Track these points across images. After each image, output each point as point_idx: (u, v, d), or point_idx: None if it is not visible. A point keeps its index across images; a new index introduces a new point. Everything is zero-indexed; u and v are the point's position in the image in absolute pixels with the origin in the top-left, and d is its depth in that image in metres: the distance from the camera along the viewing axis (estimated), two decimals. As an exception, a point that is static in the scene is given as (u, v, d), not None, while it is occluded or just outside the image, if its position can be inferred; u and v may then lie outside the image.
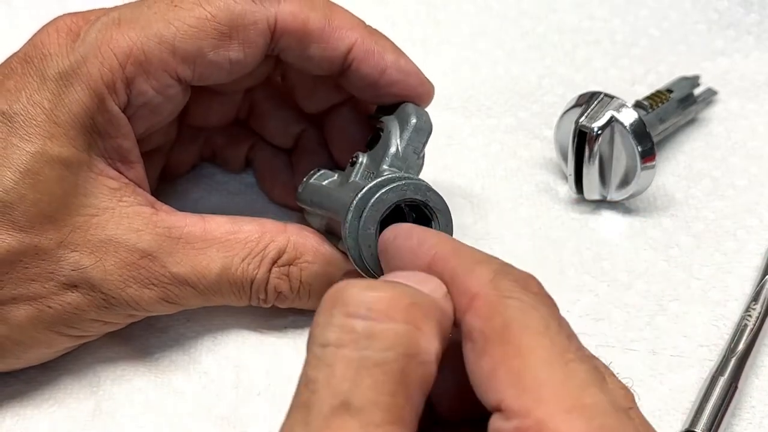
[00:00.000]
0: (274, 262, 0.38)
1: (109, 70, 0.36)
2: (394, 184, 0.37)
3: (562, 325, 0.27)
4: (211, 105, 0.44)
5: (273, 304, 0.40)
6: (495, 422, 0.26)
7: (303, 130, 0.46)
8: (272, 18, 0.38)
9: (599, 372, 0.27)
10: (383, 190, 0.37)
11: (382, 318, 0.26)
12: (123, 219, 0.37)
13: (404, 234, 0.31)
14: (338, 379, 0.25)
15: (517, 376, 0.26)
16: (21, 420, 0.38)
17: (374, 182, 0.37)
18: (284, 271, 0.39)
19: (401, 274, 0.29)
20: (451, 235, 0.38)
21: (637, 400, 0.29)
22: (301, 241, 0.39)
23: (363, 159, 0.40)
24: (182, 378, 0.39)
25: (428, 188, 0.38)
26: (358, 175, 0.39)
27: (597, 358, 0.29)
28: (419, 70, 0.41)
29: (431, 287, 0.28)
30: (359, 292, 0.26)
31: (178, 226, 0.37)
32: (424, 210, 0.38)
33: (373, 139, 0.41)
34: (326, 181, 0.41)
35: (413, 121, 0.39)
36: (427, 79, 0.41)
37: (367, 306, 0.26)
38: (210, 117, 0.45)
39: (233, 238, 0.38)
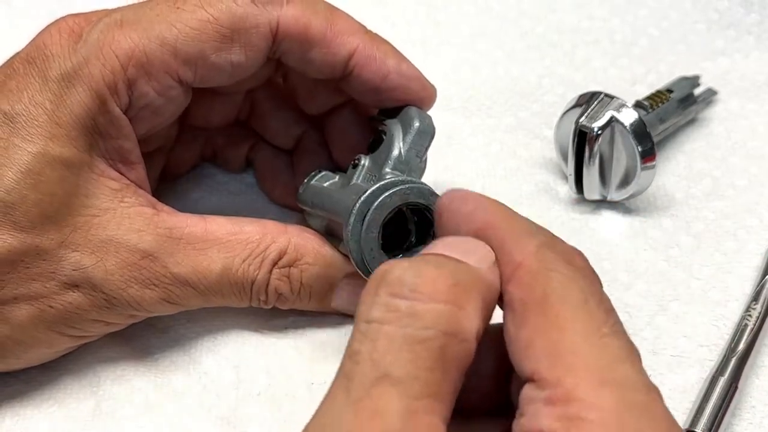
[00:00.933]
0: (274, 264, 0.38)
1: (111, 72, 0.36)
2: (398, 188, 0.37)
3: (603, 300, 0.28)
4: (212, 105, 0.44)
5: (273, 305, 0.40)
6: (527, 392, 0.26)
7: (304, 131, 0.46)
8: (274, 21, 0.38)
9: (634, 349, 0.27)
10: (386, 194, 0.37)
11: (424, 298, 0.27)
12: (124, 219, 0.37)
13: (460, 198, 0.31)
14: (380, 353, 0.26)
15: (552, 347, 0.26)
16: (21, 420, 0.38)
17: (377, 185, 0.37)
18: (285, 273, 0.39)
19: (450, 240, 0.30)
20: None
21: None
22: (302, 243, 0.39)
23: (365, 161, 0.40)
24: (182, 378, 0.39)
25: (431, 192, 0.38)
26: (360, 178, 0.39)
27: None
28: (421, 74, 0.41)
29: (478, 257, 0.29)
30: (404, 272, 0.27)
31: (179, 227, 0.37)
32: (426, 214, 0.38)
33: (374, 141, 0.41)
34: (327, 183, 0.41)
35: (416, 124, 0.39)
36: (429, 83, 0.41)
37: (410, 287, 0.27)
38: (211, 117, 0.45)
39: (234, 239, 0.38)
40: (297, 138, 0.46)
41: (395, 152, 0.39)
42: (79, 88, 0.36)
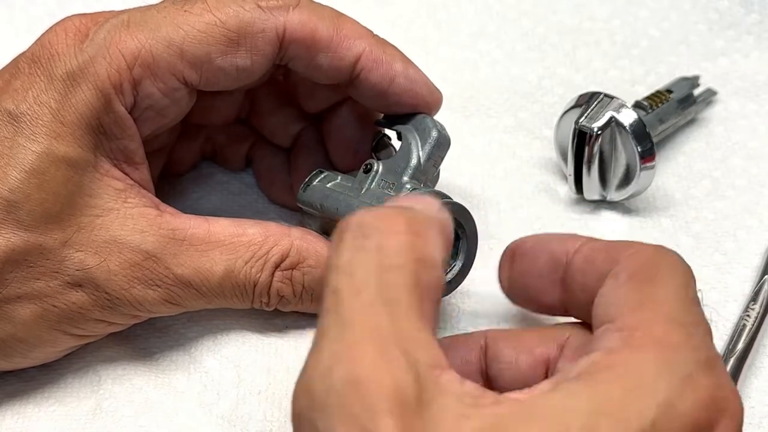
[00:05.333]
0: (277, 266, 0.39)
1: (117, 71, 0.36)
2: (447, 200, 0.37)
3: (696, 293, 0.31)
4: (213, 104, 0.44)
5: (275, 307, 0.40)
6: (600, 330, 0.29)
7: (302, 129, 0.46)
8: (281, 27, 0.38)
9: (709, 327, 0.30)
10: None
11: (388, 233, 0.28)
12: (128, 220, 0.37)
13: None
14: (361, 282, 0.27)
15: (643, 301, 0.29)
16: (21, 419, 0.38)
17: (422, 192, 0.37)
18: (287, 275, 0.39)
19: (398, 198, 0.33)
20: (474, 258, 0.39)
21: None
22: (304, 246, 0.39)
23: (378, 167, 0.40)
24: (183, 377, 0.39)
25: (463, 209, 0.38)
26: (375, 184, 0.39)
27: None
28: (428, 78, 0.41)
29: (424, 204, 0.31)
30: (362, 216, 0.29)
31: (182, 228, 0.38)
32: (456, 230, 0.38)
33: (378, 144, 0.41)
34: (331, 184, 0.41)
35: (434, 135, 0.39)
36: (436, 88, 0.41)
37: (371, 226, 0.29)
38: (212, 115, 0.45)
39: (237, 241, 0.38)
40: (295, 136, 0.46)
41: (414, 161, 0.39)
42: (85, 87, 0.36)
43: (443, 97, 0.42)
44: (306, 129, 0.46)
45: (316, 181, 0.42)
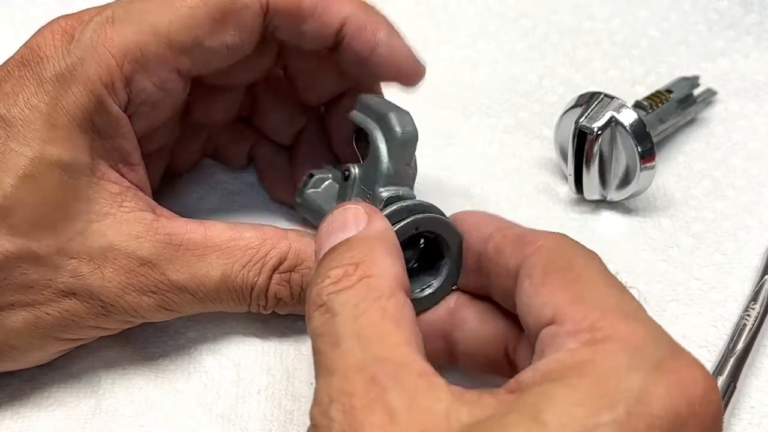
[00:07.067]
0: (275, 269, 0.38)
1: (107, 71, 0.35)
2: (404, 222, 0.35)
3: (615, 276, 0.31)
4: (213, 101, 0.44)
5: (273, 310, 0.40)
6: (547, 332, 0.28)
7: (304, 126, 0.46)
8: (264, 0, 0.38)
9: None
10: (402, 222, 0.35)
11: (342, 289, 0.30)
12: (123, 225, 0.36)
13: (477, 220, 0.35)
14: (337, 338, 0.29)
15: (576, 294, 0.29)
16: (21, 419, 0.38)
17: (392, 208, 0.35)
18: (285, 278, 0.39)
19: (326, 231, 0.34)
20: (459, 273, 0.36)
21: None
22: (302, 248, 0.39)
23: (355, 171, 0.38)
24: (182, 377, 0.39)
25: (439, 219, 0.36)
26: (354, 193, 0.38)
27: None
28: (412, 51, 0.40)
29: (353, 226, 0.33)
30: (319, 282, 0.31)
31: (179, 233, 0.37)
32: (432, 236, 0.36)
33: (358, 137, 0.40)
34: (322, 187, 0.41)
35: (398, 135, 0.37)
36: (419, 62, 0.41)
37: (327, 290, 0.30)
38: (213, 113, 0.45)
39: (234, 245, 0.38)
40: (296, 133, 0.46)
41: (383, 167, 0.37)
42: (75, 88, 0.35)
43: (425, 70, 0.41)
44: (307, 126, 0.46)
45: (308, 189, 0.41)
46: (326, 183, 0.41)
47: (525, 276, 0.31)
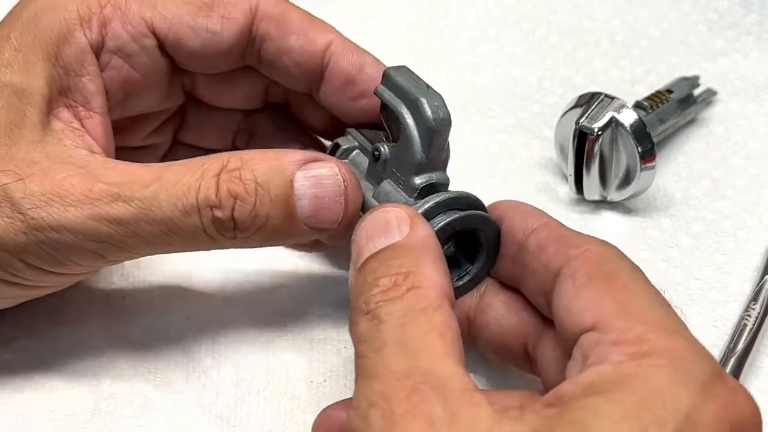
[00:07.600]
0: (218, 173, 0.35)
1: (87, 7, 0.37)
2: (447, 221, 0.35)
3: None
4: (207, 124, 0.44)
5: (231, 215, 0.35)
6: (589, 338, 0.28)
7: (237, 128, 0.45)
8: (254, 1, 0.39)
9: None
10: (441, 223, 0.35)
11: (391, 299, 0.30)
12: (58, 152, 0.35)
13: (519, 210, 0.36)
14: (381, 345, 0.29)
15: (621, 304, 0.29)
16: (21, 419, 0.38)
17: (428, 205, 0.35)
18: (235, 175, 0.35)
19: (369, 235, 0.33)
20: (494, 262, 0.37)
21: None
22: (244, 155, 0.36)
23: (386, 152, 0.37)
24: (182, 377, 0.39)
25: (476, 217, 0.36)
26: (385, 175, 0.37)
27: None
28: None
29: (397, 231, 0.32)
30: (367, 290, 0.31)
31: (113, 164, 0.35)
32: (472, 236, 0.36)
33: (385, 111, 0.38)
34: (349, 158, 0.40)
35: (431, 121, 0.35)
36: None
37: (376, 299, 0.30)
38: (206, 138, 0.45)
39: (167, 166, 0.35)
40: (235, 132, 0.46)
41: (417, 157, 0.36)
42: (50, 16, 0.36)
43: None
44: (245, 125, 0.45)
45: (351, 156, 0.40)
46: (353, 153, 0.40)
47: (567, 276, 0.31)
